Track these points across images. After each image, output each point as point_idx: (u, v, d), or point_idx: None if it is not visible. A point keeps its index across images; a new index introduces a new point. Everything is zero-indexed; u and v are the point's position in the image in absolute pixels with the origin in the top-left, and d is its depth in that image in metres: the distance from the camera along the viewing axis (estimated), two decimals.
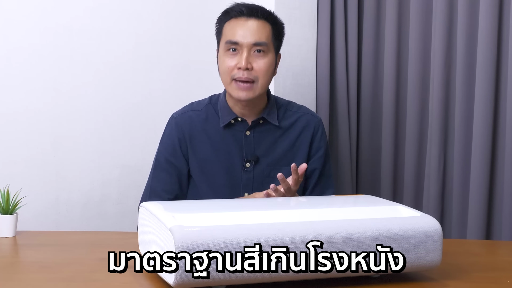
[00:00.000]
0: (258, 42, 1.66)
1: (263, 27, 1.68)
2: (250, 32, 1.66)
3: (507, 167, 2.13)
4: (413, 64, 2.36)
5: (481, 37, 2.14)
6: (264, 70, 1.66)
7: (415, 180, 2.39)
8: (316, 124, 1.79)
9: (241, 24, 1.67)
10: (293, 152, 1.75)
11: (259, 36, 1.66)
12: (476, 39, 2.19)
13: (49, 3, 2.08)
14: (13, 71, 2.06)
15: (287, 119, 1.77)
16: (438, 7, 2.25)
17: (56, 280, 1.28)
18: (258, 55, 1.66)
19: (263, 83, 1.67)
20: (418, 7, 2.34)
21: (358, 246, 1.21)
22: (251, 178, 1.71)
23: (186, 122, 1.75)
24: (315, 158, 1.78)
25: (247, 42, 1.65)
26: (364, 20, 2.48)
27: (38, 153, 2.11)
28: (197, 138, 1.73)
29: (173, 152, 1.74)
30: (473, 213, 2.18)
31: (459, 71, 2.22)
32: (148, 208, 1.31)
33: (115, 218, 2.22)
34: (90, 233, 1.77)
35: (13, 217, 1.66)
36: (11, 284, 1.28)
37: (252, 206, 1.37)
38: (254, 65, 1.66)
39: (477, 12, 2.18)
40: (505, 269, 1.43)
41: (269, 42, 1.68)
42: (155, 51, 2.28)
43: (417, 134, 2.38)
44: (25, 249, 1.57)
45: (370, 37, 2.48)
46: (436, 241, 1.26)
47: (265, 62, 1.67)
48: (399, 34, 2.41)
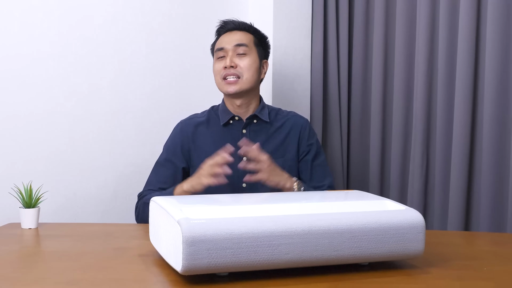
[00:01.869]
0: (239, 43, 1.80)
1: (245, 35, 1.84)
2: (233, 38, 1.82)
3: (484, 165, 2.13)
4: (398, 71, 2.36)
5: (460, 49, 2.14)
6: (246, 67, 1.79)
7: (401, 176, 2.39)
8: (303, 123, 1.89)
9: (226, 36, 1.84)
10: (283, 147, 1.83)
11: (240, 39, 1.81)
12: (455, 53, 2.19)
13: (69, 16, 2.09)
14: (35, 79, 2.06)
15: (278, 121, 1.87)
16: (421, 21, 2.26)
17: (74, 268, 1.28)
18: (240, 56, 1.80)
19: (247, 78, 1.79)
20: (403, 21, 2.34)
21: (348, 236, 1.21)
22: (247, 170, 1.73)
23: (190, 125, 1.86)
24: (305, 152, 1.85)
25: (230, 46, 1.80)
26: (354, 31, 2.48)
27: (57, 152, 2.11)
28: (200, 138, 1.83)
29: (173, 153, 1.84)
30: (453, 206, 2.18)
31: (440, 79, 2.22)
32: (158, 203, 1.31)
33: (127, 211, 2.22)
34: (104, 225, 1.77)
35: (35, 210, 1.67)
36: (34, 271, 1.29)
37: (251, 200, 1.38)
38: (238, 63, 1.79)
39: (456, 28, 2.18)
40: (482, 257, 1.43)
41: (250, 45, 1.82)
42: (163, 61, 2.28)
43: (402, 135, 2.38)
44: (46, 239, 1.57)
45: (360, 46, 2.49)
46: (420, 232, 1.26)
47: (247, 61, 1.79)
48: (386, 45, 2.42)
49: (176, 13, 2.29)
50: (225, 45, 1.81)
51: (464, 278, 1.24)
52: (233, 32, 1.84)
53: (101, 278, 1.21)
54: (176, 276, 1.21)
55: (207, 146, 1.80)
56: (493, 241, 1.66)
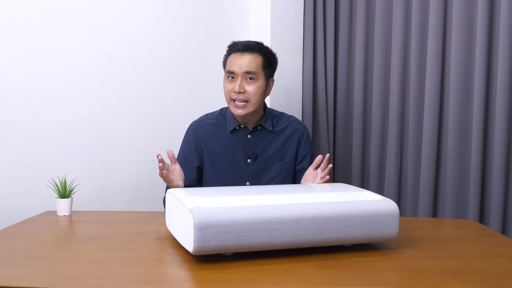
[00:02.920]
0: (248, 71, 1.65)
1: (254, 59, 1.67)
2: (243, 64, 1.66)
3: (449, 162, 2.13)
4: (376, 82, 2.36)
5: (428, 66, 2.14)
6: (254, 92, 1.66)
7: (378, 171, 2.39)
8: (302, 129, 1.79)
9: (237, 58, 1.67)
10: (283, 150, 1.75)
11: (250, 67, 1.65)
12: (425, 68, 2.19)
13: (97, 35, 2.08)
14: (68, 86, 2.06)
15: (279, 126, 1.77)
16: (396, 44, 2.25)
17: (102, 248, 1.28)
18: (249, 82, 1.66)
19: (254, 102, 1.67)
20: (380, 42, 2.34)
21: (334, 222, 1.21)
22: (251, 170, 1.71)
23: (202, 128, 1.75)
24: (303, 158, 1.77)
25: (240, 71, 1.65)
26: (339, 50, 2.48)
27: (88, 150, 2.11)
28: (210, 140, 1.74)
29: (189, 151, 1.75)
30: (423, 196, 2.18)
31: (412, 90, 2.22)
32: (173, 194, 1.31)
33: (148, 201, 2.21)
34: (128, 213, 1.77)
35: (69, 200, 1.66)
36: (68, 251, 1.29)
37: (253, 192, 1.37)
38: (246, 88, 1.66)
39: (426, 49, 2.18)
40: (448, 240, 1.43)
41: (258, 71, 1.67)
42: (178, 73, 2.28)
43: (380, 136, 2.38)
44: (78, 225, 1.57)
45: (343, 62, 2.48)
46: (394, 219, 1.26)
47: (255, 87, 1.66)
48: (366, 61, 2.42)
49: (189, 35, 2.29)
50: (235, 69, 1.66)
51: (432, 257, 1.24)
52: (244, 55, 1.67)
53: (124, 257, 1.21)
54: (188, 256, 1.21)
55: (215, 148, 1.73)
56: (457, 226, 1.66)
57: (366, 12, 2.39)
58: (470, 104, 2.09)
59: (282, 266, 1.14)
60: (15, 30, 1.97)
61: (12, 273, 1.09)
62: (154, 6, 2.20)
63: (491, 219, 2.03)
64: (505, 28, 1.97)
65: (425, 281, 1.08)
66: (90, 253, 1.24)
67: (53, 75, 2.03)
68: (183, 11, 2.26)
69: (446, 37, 2.15)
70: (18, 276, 1.08)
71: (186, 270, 1.13)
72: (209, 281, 1.05)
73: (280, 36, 2.34)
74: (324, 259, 1.20)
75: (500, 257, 1.25)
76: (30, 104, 2.00)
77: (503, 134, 1.99)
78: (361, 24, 2.40)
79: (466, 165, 2.11)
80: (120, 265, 1.15)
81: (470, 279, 1.09)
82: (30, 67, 1.99)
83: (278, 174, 1.73)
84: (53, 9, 2.01)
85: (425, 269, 1.15)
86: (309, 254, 1.22)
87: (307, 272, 1.11)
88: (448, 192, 2.13)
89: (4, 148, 1.98)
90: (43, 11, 2.00)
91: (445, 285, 1.05)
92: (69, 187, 1.66)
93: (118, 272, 1.10)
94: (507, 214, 2.03)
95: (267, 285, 1.04)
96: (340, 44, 2.47)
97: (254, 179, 1.72)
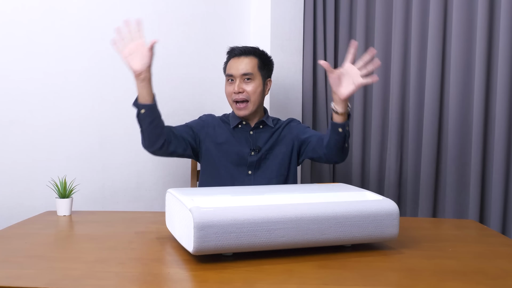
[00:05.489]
0: (245, 73, 1.79)
1: (250, 61, 1.81)
2: (241, 66, 1.80)
3: (449, 162, 2.13)
4: (377, 83, 2.36)
5: (428, 66, 2.14)
6: (252, 91, 1.79)
7: (378, 171, 2.39)
8: (289, 120, 1.91)
9: (235, 62, 1.82)
10: (280, 142, 1.85)
11: (247, 69, 1.80)
12: (425, 68, 2.19)
13: (97, 34, 2.08)
14: (68, 86, 2.06)
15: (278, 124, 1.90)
16: (396, 38, 2.26)
17: (102, 248, 1.28)
18: (247, 82, 1.80)
19: (254, 100, 1.80)
20: (380, 42, 2.34)
21: (334, 222, 1.21)
22: (254, 161, 1.80)
23: (214, 118, 1.88)
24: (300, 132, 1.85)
25: (238, 74, 1.80)
26: (339, 50, 2.48)
27: (88, 151, 2.11)
28: (217, 129, 1.84)
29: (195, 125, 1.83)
30: (423, 197, 2.18)
31: (412, 90, 2.22)
32: (173, 194, 1.31)
33: (148, 201, 2.21)
34: (128, 213, 1.77)
35: (69, 200, 1.66)
36: (68, 250, 1.29)
37: (253, 192, 1.37)
38: (245, 88, 1.79)
39: (426, 49, 2.18)
40: (447, 240, 1.43)
41: (255, 72, 1.81)
42: (178, 72, 2.28)
43: (380, 137, 2.38)
44: (78, 225, 1.57)
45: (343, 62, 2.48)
46: (395, 219, 1.26)
47: (252, 86, 1.80)
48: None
49: (189, 33, 2.29)
50: (233, 72, 1.80)
51: (432, 257, 1.24)
52: (241, 59, 1.81)
53: (124, 257, 1.21)
54: (188, 256, 1.21)
55: (224, 135, 1.82)
56: (457, 226, 1.66)
57: (366, 12, 2.39)
58: (470, 104, 2.10)
59: (282, 266, 1.14)
60: (15, 29, 1.97)
61: (12, 273, 1.09)
62: (154, 6, 2.21)
63: (491, 219, 2.03)
64: (505, 28, 1.97)
65: (425, 281, 1.08)
66: (90, 253, 1.24)
67: (53, 74, 2.03)
68: (183, 10, 2.27)
69: (446, 37, 2.15)
70: (18, 276, 1.08)
71: (186, 270, 1.13)
72: (209, 281, 1.05)
73: (280, 36, 2.34)
74: (324, 259, 1.20)
75: (500, 257, 1.25)
76: (30, 104, 2.01)
77: (503, 134, 1.99)
78: (361, 24, 2.40)
79: (466, 165, 2.11)
80: (120, 265, 1.15)
81: (470, 279, 1.09)
82: (30, 67, 2.00)
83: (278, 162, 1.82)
84: (54, 8, 2.01)
85: (425, 269, 1.15)
86: (309, 254, 1.22)
87: (307, 272, 1.11)
88: (448, 192, 2.13)
89: (4, 148, 1.98)
90: (43, 10, 2.00)
91: (445, 285, 1.05)
92: (69, 187, 1.66)
93: (118, 272, 1.10)
94: (507, 214, 2.03)
95: (267, 285, 1.04)
96: (340, 44, 2.47)
97: (255, 169, 1.81)
